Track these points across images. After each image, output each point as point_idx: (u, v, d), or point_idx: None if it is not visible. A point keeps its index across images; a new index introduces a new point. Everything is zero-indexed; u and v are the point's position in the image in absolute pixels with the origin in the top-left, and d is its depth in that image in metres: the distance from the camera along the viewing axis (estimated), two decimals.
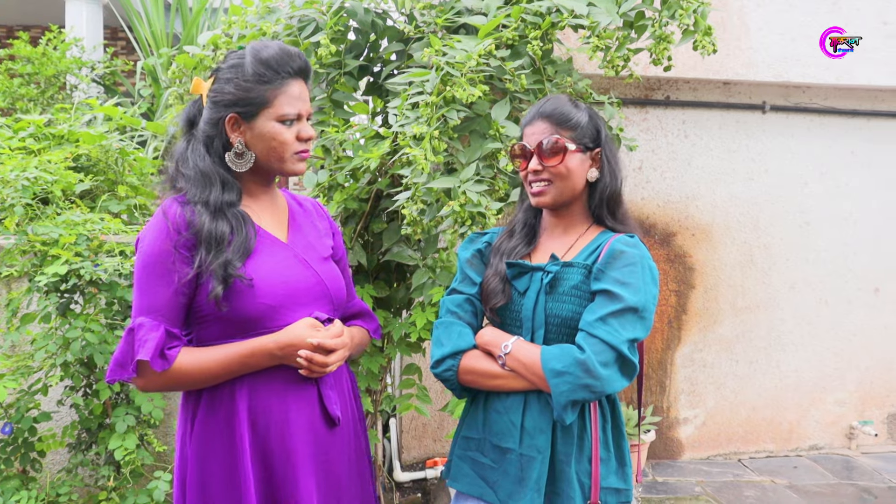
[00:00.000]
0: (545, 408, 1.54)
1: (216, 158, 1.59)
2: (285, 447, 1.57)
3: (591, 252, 1.59)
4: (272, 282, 1.56)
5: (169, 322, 1.51)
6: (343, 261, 1.84)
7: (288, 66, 1.57)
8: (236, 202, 1.59)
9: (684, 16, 2.21)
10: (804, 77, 4.08)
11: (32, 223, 2.82)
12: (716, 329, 4.25)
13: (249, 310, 1.53)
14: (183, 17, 6.84)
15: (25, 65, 6.31)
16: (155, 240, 1.51)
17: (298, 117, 1.59)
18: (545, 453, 1.54)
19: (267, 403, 1.56)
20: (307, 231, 1.73)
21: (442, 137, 2.03)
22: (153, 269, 1.51)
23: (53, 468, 3.19)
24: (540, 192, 1.61)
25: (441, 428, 3.93)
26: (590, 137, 1.61)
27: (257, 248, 1.58)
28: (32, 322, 2.78)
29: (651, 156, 4.15)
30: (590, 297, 1.54)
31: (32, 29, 9.02)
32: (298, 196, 1.82)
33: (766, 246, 4.29)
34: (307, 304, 1.62)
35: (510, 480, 1.57)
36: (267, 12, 2.69)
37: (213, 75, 1.61)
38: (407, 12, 2.65)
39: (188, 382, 1.54)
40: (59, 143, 3.86)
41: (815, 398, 4.40)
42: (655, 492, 3.77)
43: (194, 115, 1.63)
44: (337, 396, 1.67)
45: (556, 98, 1.65)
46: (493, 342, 1.58)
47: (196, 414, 1.59)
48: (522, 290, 1.62)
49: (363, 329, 1.86)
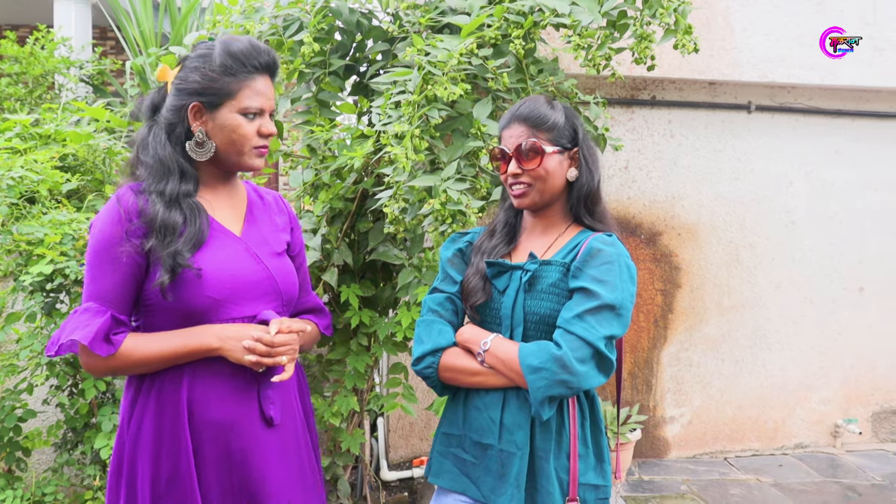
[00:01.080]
0: (524, 404, 1.56)
1: (177, 147, 1.59)
2: (221, 444, 1.58)
3: (570, 251, 1.61)
4: (220, 275, 1.56)
5: (117, 308, 1.52)
6: (300, 256, 1.84)
7: (255, 61, 1.58)
8: (192, 192, 1.59)
9: (665, 15, 2.23)
10: (789, 77, 4.11)
11: (18, 223, 2.81)
12: (702, 328, 4.28)
13: (195, 302, 1.54)
14: (171, 16, 6.83)
15: (13, 64, 6.29)
16: (106, 226, 1.52)
17: (261, 112, 1.60)
18: (524, 449, 1.56)
19: (206, 397, 1.57)
20: (263, 225, 1.73)
21: (423, 136, 2.04)
22: (103, 255, 1.52)
23: (39, 467, 3.18)
24: (521, 194, 1.63)
25: (428, 427, 3.94)
26: (567, 137, 1.63)
27: (208, 240, 1.58)
28: (18, 321, 2.77)
29: (637, 155, 4.17)
30: (568, 295, 1.55)
31: (21, 28, 8.99)
32: (261, 189, 1.82)
33: (751, 245, 4.31)
34: (255, 298, 1.63)
35: (491, 476, 1.58)
36: (252, 12, 2.70)
37: (180, 63, 1.61)
38: (392, 12, 2.67)
39: (132, 367, 1.54)
40: (46, 143, 3.85)
41: (800, 397, 4.43)
42: (642, 490, 3.79)
43: (158, 101, 1.63)
44: (278, 396, 1.66)
45: (532, 99, 1.66)
46: (472, 339, 1.60)
47: (137, 401, 1.59)
48: (502, 289, 1.63)
49: (314, 324, 1.86)
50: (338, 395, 2.84)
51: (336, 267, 2.67)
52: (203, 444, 1.57)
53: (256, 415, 1.62)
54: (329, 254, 2.69)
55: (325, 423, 2.86)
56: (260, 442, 1.63)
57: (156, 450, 1.56)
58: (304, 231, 2.63)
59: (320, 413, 2.80)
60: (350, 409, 2.79)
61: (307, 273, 1.91)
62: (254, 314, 1.63)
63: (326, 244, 2.70)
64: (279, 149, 2.88)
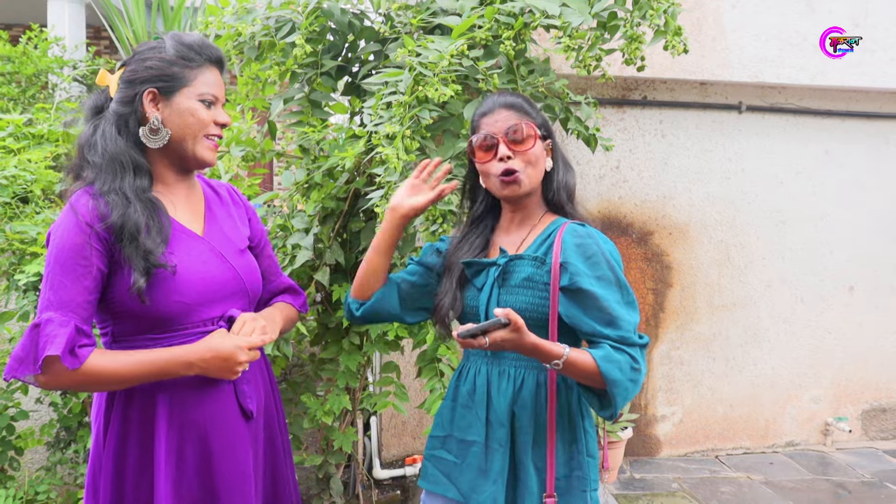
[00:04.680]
0: (506, 401, 1.59)
1: (129, 140, 1.56)
2: (202, 442, 1.58)
3: (542, 241, 1.61)
4: (189, 278, 1.55)
5: (79, 318, 1.46)
6: (262, 243, 1.83)
7: (207, 52, 1.60)
8: (148, 188, 1.56)
9: (655, 16, 2.24)
10: (779, 78, 4.14)
11: (11, 222, 2.82)
12: (693, 327, 4.30)
13: (165, 307, 1.51)
14: (164, 15, 6.83)
15: (5, 64, 6.28)
16: (66, 234, 1.47)
17: (216, 100, 1.61)
18: (506, 446, 1.58)
19: (183, 396, 1.56)
20: (223, 222, 1.72)
21: (414, 136, 2.05)
22: (64, 264, 1.46)
23: (32, 466, 3.19)
24: (514, 180, 1.59)
25: (420, 426, 3.96)
26: (543, 127, 1.65)
27: (173, 242, 1.56)
28: (11, 320, 2.78)
29: (628, 155, 4.19)
30: (544, 288, 1.56)
31: (14, 27, 8.97)
32: (214, 182, 1.80)
33: (742, 245, 4.34)
34: (223, 299, 1.62)
35: (473, 473, 1.60)
36: (244, 13, 2.71)
37: (122, 66, 1.60)
38: (384, 13, 2.68)
39: (96, 384, 1.49)
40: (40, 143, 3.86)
41: (790, 395, 4.46)
42: (633, 488, 3.81)
43: (102, 103, 1.61)
44: (252, 391, 1.67)
45: (507, 91, 1.69)
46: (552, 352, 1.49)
47: (112, 410, 1.57)
48: (479, 286, 1.65)
49: (289, 305, 1.86)
50: (330, 393, 2.86)
51: (328, 266, 2.68)
52: (185, 444, 1.57)
53: (235, 410, 1.63)
54: (321, 253, 2.70)
55: (318, 421, 2.87)
56: (240, 436, 1.64)
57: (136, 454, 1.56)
58: (297, 230, 2.64)
59: (312, 412, 2.81)
60: (342, 407, 2.80)
61: (273, 256, 1.89)
62: (221, 314, 1.62)
63: (318, 243, 2.71)
64: (272, 149, 2.90)
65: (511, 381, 1.60)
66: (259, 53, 2.68)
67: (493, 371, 1.63)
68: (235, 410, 1.64)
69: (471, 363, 1.69)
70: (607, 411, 1.53)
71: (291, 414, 2.96)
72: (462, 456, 1.64)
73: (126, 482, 1.56)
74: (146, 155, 1.59)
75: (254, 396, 1.69)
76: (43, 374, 1.43)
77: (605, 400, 1.51)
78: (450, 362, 2.67)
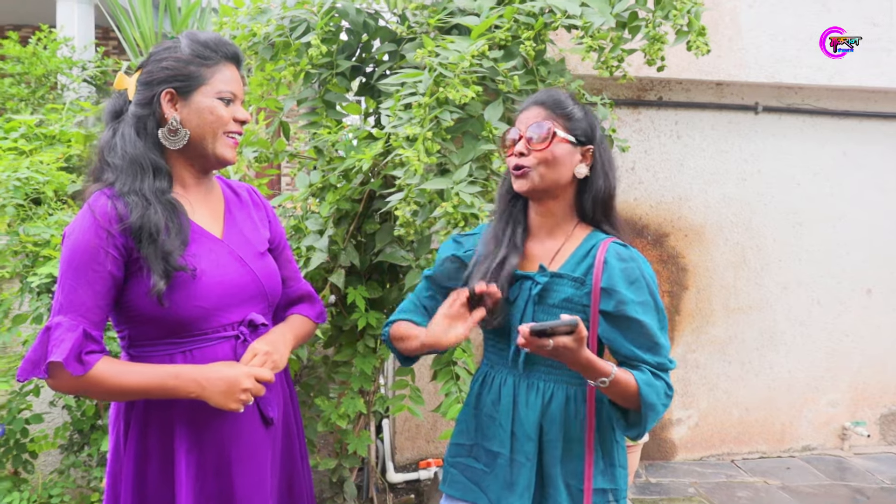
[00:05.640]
0: (535, 414, 1.56)
1: (148, 142, 1.54)
2: (222, 448, 1.57)
3: (581, 259, 1.57)
4: (207, 282, 1.53)
5: (89, 323, 1.45)
6: (281, 245, 1.80)
7: (223, 49, 1.58)
8: (168, 190, 1.54)
9: (678, 16, 2.21)
10: (796, 78, 4.09)
11: (24, 224, 2.80)
12: (708, 330, 4.26)
13: (184, 311, 1.50)
14: (172, 17, 6.81)
15: (15, 65, 6.28)
16: (82, 236, 1.45)
17: (234, 97, 1.59)
18: (533, 460, 1.55)
19: (203, 402, 1.52)
20: (243, 224, 1.69)
21: (435, 139, 2.02)
22: (78, 268, 1.45)
23: (45, 469, 3.17)
24: (521, 174, 1.56)
25: (434, 429, 3.93)
26: (582, 132, 1.58)
27: (193, 246, 1.54)
28: (24, 323, 2.77)
29: (644, 156, 4.16)
30: (582, 310, 1.52)
31: (23, 28, 8.98)
32: (234, 183, 1.78)
33: (758, 247, 4.30)
34: (242, 303, 1.60)
35: (500, 485, 1.58)
36: (258, 13, 2.69)
37: (139, 68, 1.59)
38: (399, 13, 2.65)
39: (101, 393, 1.47)
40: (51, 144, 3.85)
41: (807, 399, 4.41)
42: (649, 493, 3.77)
43: (120, 106, 1.60)
44: (273, 396, 1.66)
45: (554, 89, 1.64)
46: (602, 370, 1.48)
47: (132, 413, 1.56)
48: (512, 299, 1.60)
49: (303, 318, 1.82)
50: (344, 396, 2.83)
51: (343, 268, 2.65)
52: (205, 450, 1.56)
53: (256, 416, 1.62)
54: (336, 255, 2.68)
55: (332, 424, 2.84)
56: (260, 443, 1.62)
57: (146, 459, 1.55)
58: (311, 232, 2.61)
59: (327, 415, 2.78)
60: (357, 410, 2.78)
61: (293, 260, 1.86)
62: (241, 319, 1.60)
63: (333, 245, 2.68)
64: (285, 149, 2.87)
65: (540, 395, 1.57)
66: (273, 54, 2.65)
67: (521, 383, 1.59)
68: (256, 417, 1.62)
69: (496, 372, 1.65)
70: (634, 430, 1.54)
71: (305, 417, 2.93)
72: (490, 466, 1.61)
73: (148, 485, 1.55)
74: (165, 156, 1.57)
75: (274, 403, 1.67)
76: (50, 378, 1.43)
77: (634, 420, 1.52)
78: (465, 365, 2.64)
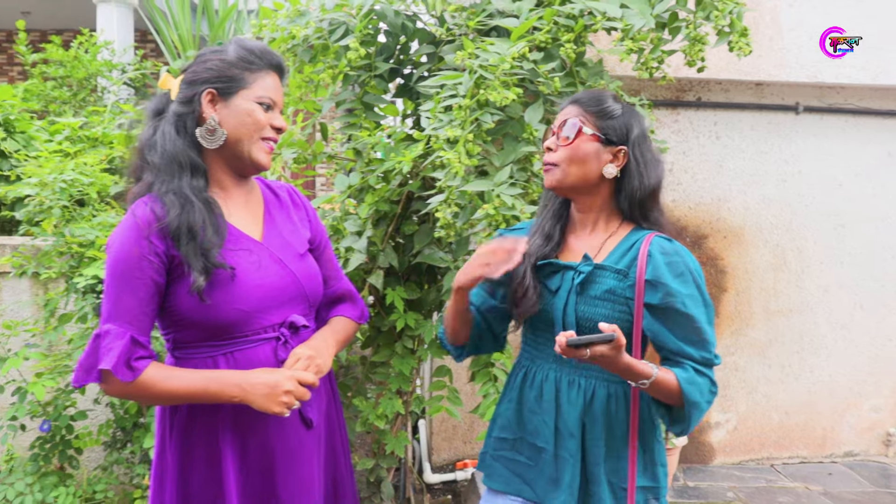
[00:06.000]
0: (577, 412, 1.56)
1: (187, 140, 1.57)
2: (265, 448, 1.59)
3: (624, 253, 1.58)
4: (247, 285, 1.55)
5: (136, 330, 1.49)
6: (322, 245, 1.82)
7: (268, 58, 1.61)
8: (204, 188, 1.57)
9: (720, 17, 2.19)
10: (838, 77, 4.02)
11: (69, 225, 2.86)
12: (748, 333, 4.20)
13: (224, 314, 1.52)
14: (209, 19, 6.90)
15: (58, 68, 6.42)
16: (123, 246, 1.49)
17: (274, 105, 1.61)
18: (576, 457, 1.56)
19: (246, 405, 1.56)
20: (283, 226, 1.71)
21: (476, 140, 2.02)
22: (121, 276, 1.48)
23: (90, 465, 3.24)
24: (547, 170, 1.61)
25: (471, 430, 3.93)
26: (616, 133, 1.58)
27: (230, 248, 1.56)
28: (69, 322, 2.82)
29: (682, 158, 4.12)
30: (624, 303, 1.53)
31: (65, 33, 9.16)
32: (274, 183, 1.80)
33: (799, 249, 4.23)
34: (282, 305, 1.62)
35: (545, 479, 1.59)
36: (297, 15, 2.71)
37: (187, 68, 1.62)
38: (437, 14, 2.65)
39: (150, 398, 1.52)
40: (94, 146, 3.93)
41: (850, 404, 4.33)
42: (687, 496, 3.73)
43: (163, 106, 1.63)
44: (313, 398, 1.67)
45: (598, 90, 1.66)
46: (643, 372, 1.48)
47: (176, 410, 1.59)
48: (554, 289, 1.61)
49: (346, 320, 1.84)
50: (382, 397, 2.84)
51: (381, 269, 2.67)
52: (248, 450, 1.59)
53: (296, 418, 1.63)
54: (374, 256, 2.69)
55: (370, 424, 2.86)
56: (302, 444, 1.64)
57: (202, 461, 1.58)
58: (349, 234, 2.63)
59: (365, 415, 2.80)
60: (395, 411, 2.79)
61: (334, 259, 1.88)
62: (281, 321, 1.62)
63: (372, 246, 2.70)
64: (323, 151, 2.89)
65: (581, 392, 1.57)
66: (312, 56, 2.68)
67: (563, 379, 1.60)
68: (297, 418, 1.64)
69: (537, 367, 1.66)
70: (678, 427, 1.54)
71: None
72: (534, 460, 1.62)
73: (192, 485, 1.58)
74: (203, 157, 1.60)
75: (315, 404, 1.68)
76: (103, 384, 1.48)
77: (678, 416, 1.52)
78: (503, 367, 2.64)
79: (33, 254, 3.03)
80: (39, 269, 2.95)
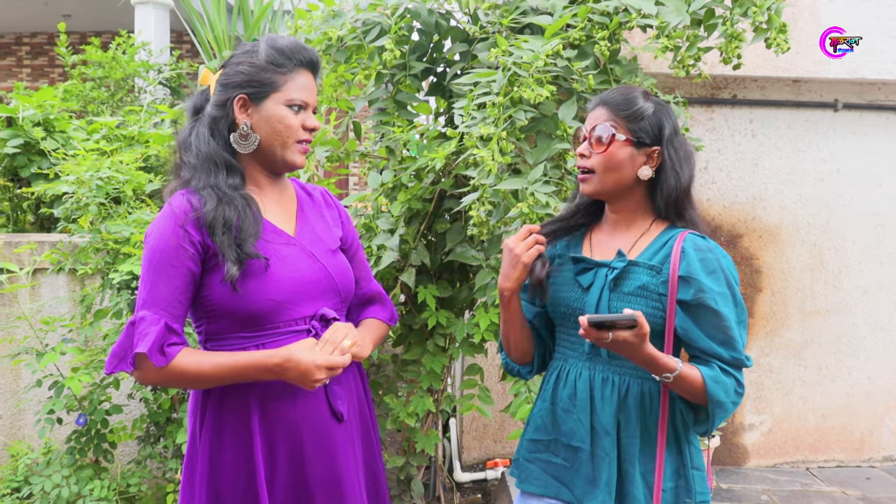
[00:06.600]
0: (611, 409, 1.55)
1: (220, 142, 1.59)
2: (294, 441, 1.60)
3: (658, 250, 1.56)
4: (280, 277, 1.57)
5: (170, 317, 1.52)
6: (354, 247, 1.84)
7: (300, 55, 1.61)
8: (241, 186, 1.60)
9: (758, 13, 2.15)
10: (880, 73, 3.94)
11: (105, 222, 2.91)
12: (783, 333, 4.13)
13: (256, 305, 1.54)
14: (245, 19, 6.97)
15: (96, 69, 6.53)
16: (162, 234, 1.53)
17: (305, 105, 1.62)
18: (612, 455, 1.55)
19: (275, 395, 1.59)
20: (315, 223, 1.73)
21: (509, 138, 2.01)
22: (158, 264, 1.52)
23: (124, 459, 3.29)
24: (582, 179, 1.60)
25: (502, 429, 3.92)
26: (648, 133, 1.56)
27: (265, 243, 1.58)
28: (105, 318, 2.87)
29: (717, 156, 4.06)
30: (657, 299, 1.51)
31: (103, 34, 9.31)
32: (307, 185, 1.83)
33: (836, 248, 4.15)
34: (314, 298, 1.64)
35: (582, 480, 1.58)
36: (332, 16, 2.72)
37: (222, 66, 1.63)
38: (471, 13, 2.65)
39: (183, 382, 1.56)
40: (130, 144, 3.98)
41: (889, 407, 4.24)
42: (720, 499, 3.68)
43: (201, 103, 1.65)
44: (343, 392, 1.68)
45: (625, 87, 1.62)
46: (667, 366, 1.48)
47: (207, 405, 1.61)
48: (586, 286, 1.60)
49: (378, 322, 1.85)
50: (413, 395, 2.84)
51: (413, 267, 2.67)
52: (277, 443, 1.60)
53: (326, 411, 1.64)
54: (406, 254, 2.69)
55: (400, 423, 2.86)
56: (333, 437, 1.65)
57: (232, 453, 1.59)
58: (382, 231, 2.63)
59: (395, 413, 2.81)
60: (426, 409, 2.79)
61: (365, 261, 1.90)
62: (312, 313, 1.64)
63: (404, 244, 2.70)
64: (356, 149, 2.90)
65: (615, 389, 1.56)
66: (347, 56, 2.69)
67: (597, 377, 1.59)
68: (326, 411, 1.65)
69: (570, 365, 1.64)
70: (702, 427, 1.54)
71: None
72: (570, 461, 1.61)
73: (222, 475, 1.60)
74: (237, 157, 1.62)
75: (344, 398, 1.69)
76: (136, 370, 1.51)
77: (702, 415, 1.51)
78: None
79: (70, 250, 3.08)
80: (76, 266, 3.00)
